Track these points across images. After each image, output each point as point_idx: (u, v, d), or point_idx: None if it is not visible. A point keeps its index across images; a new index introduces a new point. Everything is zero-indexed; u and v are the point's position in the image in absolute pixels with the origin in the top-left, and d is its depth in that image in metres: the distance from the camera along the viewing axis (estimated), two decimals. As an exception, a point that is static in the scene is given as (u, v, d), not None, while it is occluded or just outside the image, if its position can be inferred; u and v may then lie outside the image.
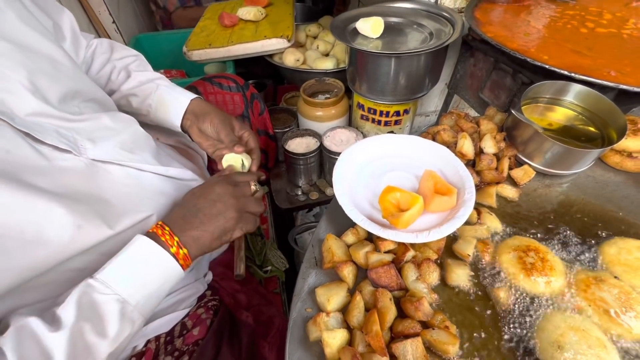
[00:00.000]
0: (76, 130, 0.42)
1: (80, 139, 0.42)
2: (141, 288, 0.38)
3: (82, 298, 0.35)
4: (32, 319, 0.33)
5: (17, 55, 0.38)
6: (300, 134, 1.02)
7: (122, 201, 0.44)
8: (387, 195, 0.48)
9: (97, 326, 0.35)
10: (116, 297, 0.36)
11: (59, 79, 0.43)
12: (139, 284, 0.38)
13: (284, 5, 1.29)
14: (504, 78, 0.80)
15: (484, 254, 0.46)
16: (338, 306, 0.40)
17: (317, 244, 0.48)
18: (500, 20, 0.77)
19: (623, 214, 0.51)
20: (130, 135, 0.50)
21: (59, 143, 0.39)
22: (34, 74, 0.39)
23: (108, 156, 0.45)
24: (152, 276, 0.39)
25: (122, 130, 0.49)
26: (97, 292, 0.36)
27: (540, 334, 0.38)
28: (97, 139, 0.44)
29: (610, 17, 0.76)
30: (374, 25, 0.82)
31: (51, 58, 0.43)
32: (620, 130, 0.53)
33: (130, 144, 0.49)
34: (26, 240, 0.34)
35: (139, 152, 0.50)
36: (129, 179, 0.47)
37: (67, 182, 0.39)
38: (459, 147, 0.57)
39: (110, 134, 0.47)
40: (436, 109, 1.21)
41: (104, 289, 0.36)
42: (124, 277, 0.37)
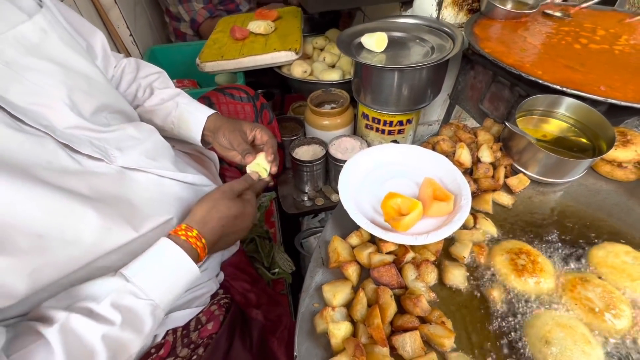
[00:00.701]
0: (106, 140, 0.47)
1: (110, 148, 0.47)
2: (168, 293, 0.42)
3: (120, 300, 0.38)
4: (74, 316, 0.35)
5: (59, 75, 0.43)
6: (307, 142, 1.06)
7: (146, 205, 0.48)
8: (389, 200, 0.52)
9: (135, 326, 0.38)
10: (150, 302, 0.40)
11: (93, 94, 0.47)
12: (167, 289, 0.42)
13: (293, 20, 1.35)
14: (502, 90, 0.84)
15: (479, 257, 0.49)
16: (343, 302, 0.44)
17: (324, 245, 0.52)
18: (497, 36, 0.81)
19: (613, 221, 0.54)
20: (153, 144, 0.54)
21: (92, 152, 0.44)
22: (72, 91, 0.43)
23: (134, 163, 0.49)
24: (179, 282, 0.43)
25: (145, 139, 0.53)
26: (135, 296, 0.39)
27: (529, 330, 0.41)
28: (124, 147, 0.49)
29: (603, 34, 0.80)
30: (378, 40, 0.87)
31: (87, 76, 0.47)
32: (610, 142, 0.56)
33: (152, 152, 0.53)
34: (65, 240, 0.38)
35: (160, 160, 0.54)
36: (152, 184, 0.51)
37: (100, 187, 0.43)
38: (457, 156, 0.61)
39: (135, 143, 0.51)
40: (439, 119, 1.25)
41: (141, 294, 0.39)
42: (156, 284, 0.41)
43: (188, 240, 0.44)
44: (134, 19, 1.44)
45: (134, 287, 0.39)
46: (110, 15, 1.28)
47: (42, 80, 0.41)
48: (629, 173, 0.59)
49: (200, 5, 1.55)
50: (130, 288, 0.39)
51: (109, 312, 0.37)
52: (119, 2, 1.30)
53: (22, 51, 0.39)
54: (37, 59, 0.40)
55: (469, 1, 0.95)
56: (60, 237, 0.37)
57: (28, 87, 0.39)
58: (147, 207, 0.48)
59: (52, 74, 0.42)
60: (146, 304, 0.39)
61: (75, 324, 0.35)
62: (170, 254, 0.42)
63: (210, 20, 1.58)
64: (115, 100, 0.53)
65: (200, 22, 1.58)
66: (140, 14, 1.53)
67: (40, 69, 0.41)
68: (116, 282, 0.39)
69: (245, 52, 1.14)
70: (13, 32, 0.38)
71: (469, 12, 0.97)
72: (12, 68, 0.38)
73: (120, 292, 0.38)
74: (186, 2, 1.56)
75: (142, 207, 0.48)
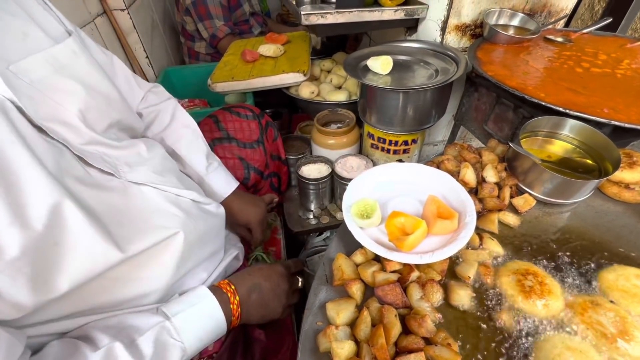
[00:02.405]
0: (116, 157, 0.48)
1: (120, 164, 0.48)
2: (198, 342, 0.45)
3: (159, 336, 0.41)
4: (118, 346, 0.38)
5: (83, 94, 0.45)
6: (313, 160, 1.08)
7: (153, 218, 0.49)
8: (393, 219, 0.52)
9: None
10: (182, 345, 0.43)
11: (109, 112, 0.50)
12: (198, 339, 0.45)
13: (301, 43, 1.40)
14: (506, 112, 0.85)
15: (485, 277, 0.48)
16: (347, 320, 0.43)
17: (328, 263, 0.52)
18: (500, 60, 0.83)
19: (622, 243, 0.53)
20: (160, 160, 0.56)
21: (104, 167, 0.45)
22: (89, 110, 0.45)
23: (142, 179, 0.50)
24: (210, 334, 0.47)
25: (153, 157, 0.55)
26: (170, 335, 0.43)
27: (537, 353, 0.40)
28: (133, 164, 0.50)
29: (605, 58, 0.81)
30: (383, 63, 0.90)
31: (107, 96, 0.50)
32: (615, 163, 0.56)
33: (159, 167, 0.55)
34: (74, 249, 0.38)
35: (167, 175, 0.55)
36: (158, 198, 0.52)
37: (107, 200, 0.44)
38: (462, 176, 0.61)
39: (143, 160, 0.53)
40: (444, 139, 1.26)
41: (176, 335, 0.43)
42: (190, 329, 0.44)
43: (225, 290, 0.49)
44: (151, 42, 1.52)
45: (172, 326, 0.43)
46: (129, 38, 1.35)
47: (64, 99, 0.43)
48: (636, 195, 0.59)
49: (221, 22, 1.65)
50: (167, 326, 0.43)
51: (148, 346, 0.40)
52: (137, 26, 1.37)
53: (52, 71, 0.42)
54: (63, 78, 0.43)
55: (471, 27, 0.98)
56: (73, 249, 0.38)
57: (49, 105, 0.41)
58: (154, 220, 0.49)
59: (74, 93, 0.44)
60: (178, 347, 0.43)
61: (118, 353, 0.38)
62: (207, 304, 0.47)
63: (230, 37, 1.68)
64: (127, 116, 0.55)
65: (220, 37, 1.68)
66: (156, 36, 1.61)
67: (64, 88, 0.43)
68: (158, 318, 0.43)
69: (255, 74, 1.18)
70: (43, 53, 0.41)
71: (472, 37, 1.00)
72: (37, 87, 0.40)
73: (160, 329, 0.42)
74: (207, 19, 1.65)
75: (149, 219, 0.48)
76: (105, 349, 0.37)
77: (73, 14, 1.04)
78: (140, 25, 1.41)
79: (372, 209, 0.53)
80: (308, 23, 0.96)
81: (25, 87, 0.38)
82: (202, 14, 1.62)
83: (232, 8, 1.71)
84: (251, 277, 0.52)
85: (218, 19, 1.65)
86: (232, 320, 0.49)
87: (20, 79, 0.38)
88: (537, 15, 1.00)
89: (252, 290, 0.52)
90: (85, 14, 1.11)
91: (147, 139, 0.58)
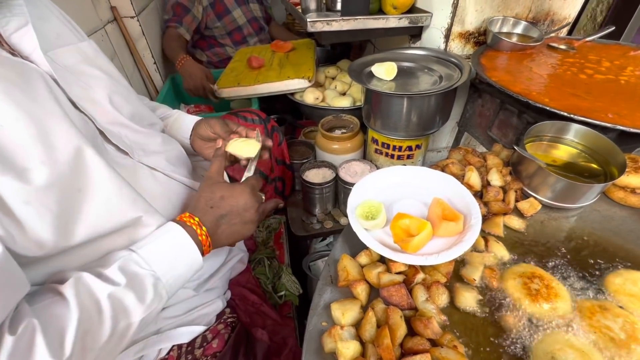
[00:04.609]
0: (135, 141, 0.53)
1: (137, 148, 0.52)
2: (171, 270, 0.45)
3: (125, 266, 0.41)
4: (86, 274, 0.39)
5: (106, 81, 0.51)
6: (317, 165, 1.08)
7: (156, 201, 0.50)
8: (398, 221, 0.52)
9: (137, 292, 0.41)
10: (152, 273, 0.43)
11: (130, 100, 0.55)
12: (170, 267, 0.45)
13: (306, 50, 1.42)
14: (510, 117, 0.86)
15: (491, 280, 0.48)
16: (352, 321, 0.43)
17: (333, 264, 0.51)
18: (504, 66, 0.84)
19: (629, 247, 0.53)
20: (176, 154, 0.60)
21: (120, 144, 0.49)
22: (114, 94, 0.51)
23: (154, 164, 0.54)
24: (180, 262, 0.46)
25: (170, 150, 0.59)
26: (139, 265, 0.42)
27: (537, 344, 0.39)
28: (149, 151, 0.54)
29: (608, 65, 0.82)
30: (388, 69, 0.91)
31: (125, 86, 0.56)
32: (621, 167, 0.56)
33: (174, 159, 0.59)
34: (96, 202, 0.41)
35: (180, 167, 0.59)
36: (166, 183, 0.55)
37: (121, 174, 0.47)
38: (467, 179, 0.61)
39: (159, 149, 0.57)
40: (447, 145, 1.27)
41: (144, 264, 0.43)
42: (159, 258, 0.44)
43: (188, 222, 0.48)
44: (159, 48, 1.55)
45: (139, 257, 0.43)
46: (138, 45, 1.37)
47: (92, 82, 0.49)
48: (643, 199, 0.58)
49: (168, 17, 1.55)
50: (135, 257, 0.42)
51: (116, 274, 0.40)
52: (146, 33, 1.40)
53: (80, 60, 0.49)
54: (90, 67, 0.50)
55: (475, 34, 1.00)
56: (93, 198, 0.41)
57: (80, 86, 0.47)
58: (157, 203, 0.50)
59: (100, 79, 0.50)
60: (148, 274, 0.42)
61: (86, 280, 0.39)
62: (173, 233, 0.46)
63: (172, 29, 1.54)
64: (147, 113, 0.60)
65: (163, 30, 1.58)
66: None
67: (92, 74, 0.49)
68: (123, 253, 0.43)
69: (261, 80, 1.20)
70: (74, 46, 0.49)
71: (475, 44, 1.01)
72: (70, 71, 0.46)
73: (126, 259, 0.42)
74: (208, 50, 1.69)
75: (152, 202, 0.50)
76: (74, 278, 0.38)
77: (85, 20, 1.07)
78: (149, 32, 1.44)
79: (377, 210, 0.53)
80: (314, 30, 0.98)
81: (61, 70, 0.44)
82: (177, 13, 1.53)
83: (220, 15, 1.64)
84: (214, 210, 0.50)
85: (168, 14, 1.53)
86: (203, 250, 0.48)
87: (56, 63, 0.44)
88: (540, 24, 1.01)
89: (219, 221, 0.50)
90: (97, 20, 1.13)
91: (165, 135, 0.62)
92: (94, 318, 0.37)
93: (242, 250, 0.77)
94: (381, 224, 0.53)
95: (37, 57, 0.41)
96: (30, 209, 0.35)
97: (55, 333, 0.34)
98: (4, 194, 0.33)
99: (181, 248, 0.46)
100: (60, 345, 0.33)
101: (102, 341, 0.37)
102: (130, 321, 0.40)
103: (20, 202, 0.34)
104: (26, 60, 0.41)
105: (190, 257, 0.46)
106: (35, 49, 0.41)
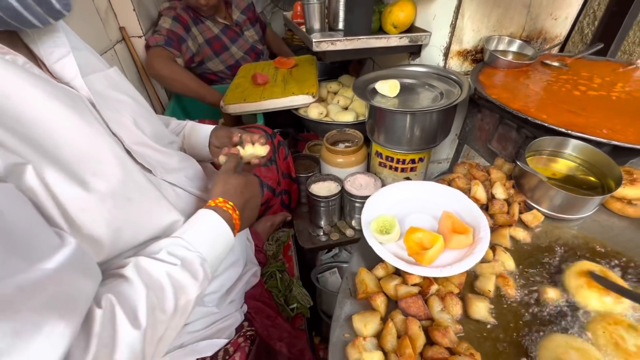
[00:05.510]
0: (157, 160, 0.56)
1: (158, 166, 0.56)
2: (213, 251, 0.49)
3: (175, 250, 0.45)
4: (143, 258, 0.42)
5: (131, 104, 0.55)
6: (322, 178, 1.11)
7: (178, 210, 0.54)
8: (411, 235, 0.55)
9: (191, 271, 0.44)
10: (199, 254, 0.46)
11: (151, 121, 0.58)
12: (212, 248, 0.49)
13: (309, 67, 1.47)
14: (509, 132, 0.90)
15: (505, 288, 0.51)
16: (373, 332, 0.45)
17: (351, 277, 0.54)
18: (502, 83, 0.89)
19: (629, 256, 0.56)
20: (194, 171, 0.65)
21: (145, 163, 0.53)
22: (138, 116, 0.55)
23: (175, 180, 0.58)
24: (220, 243, 0.50)
25: (188, 167, 0.63)
26: (186, 248, 0.46)
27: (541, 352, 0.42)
28: (169, 169, 0.58)
29: (600, 81, 0.87)
30: (391, 86, 0.95)
31: (147, 108, 0.60)
32: (617, 180, 0.60)
33: (192, 176, 0.63)
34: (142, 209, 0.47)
35: (198, 183, 0.64)
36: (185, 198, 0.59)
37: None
38: (473, 193, 0.64)
39: (177, 167, 0.61)
40: (448, 157, 1.31)
41: (191, 247, 0.46)
42: (201, 241, 0.48)
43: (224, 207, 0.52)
44: (164, 66, 1.58)
45: (184, 241, 0.46)
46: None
47: (119, 106, 0.53)
48: (639, 210, 0.62)
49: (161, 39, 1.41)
50: (181, 242, 0.46)
51: (168, 257, 0.44)
52: (153, 51, 1.44)
53: (108, 85, 0.53)
54: (116, 92, 0.54)
55: (472, 52, 1.05)
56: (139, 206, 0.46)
57: (110, 109, 0.50)
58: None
59: (126, 103, 0.54)
60: (195, 256, 0.46)
61: (144, 262, 0.42)
62: (210, 218, 0.50)
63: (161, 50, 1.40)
64: (165, 132, 0.64)
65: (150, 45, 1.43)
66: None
67: (118, 99, 0.54)
68: (169, 239, 0.47)
69: (266, 96, 1.24)
70: (102, 73, 0.53)
71: (473, 61, 1.06)
72: (100, 96, 0.50)
73: (174, 244, 0.46)
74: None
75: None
76: (133, 262, 0.41)
77: (96, 40, 1.10)
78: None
79: (390, 225, 0.56)
80: (319, 50, 1.02)
81: (93, 94, 0.47)
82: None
83: (217, 52, 1.62)
84: (243, 194, 0.56)
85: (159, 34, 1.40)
86: (234, 232, 0.53)
87: (90, 88, 0.48)
88: (534, 42, 1.07)
89: (244, 205, 0.56)
90: (107, 40, 1.17)
91: (182, 153, 0.66)
92: (159, 295, 0.41)
93: (255, 263, 0.79)
94: (395, 237, 0.56)
95: (78, 83, 0.46)
96: (86, 217, 0.38)
97: (129, 307, 0.37)
98: (66, 202, 0.37)
99: (218, 231, 0.50)
100: (135, 317, 0.37)
101: (168, 315, 0.41)
102: (188, 298, 0.43)
103: (78, 210, 0.38)
104: (67, 86, 0.45)
105: (226, 239, 0.51)
106: (77, 76, 0.45)
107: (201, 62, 1.62)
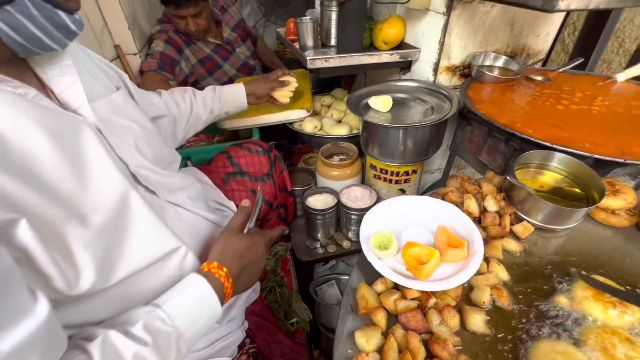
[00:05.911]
0: (158, 181, 0.57)
1: (160, 187, 0.57)
2: (193, 324, 0.46)
3: (150, 324, 0.42)
4: (114, 332, 0.39)
5: (133, 128, 0.57)
6: (318, 191, 1.13)
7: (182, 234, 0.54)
8: (408, 249, 0.57)
9: (162, 352, 0.41)
10: (176, 330, 0.43)
11: (152, 144, 0.59)
12: (192, 321, 0.46)
13: (302, 81, 1.49)
14: (498, 144, 0.93)
15: (500, 299, 0.53)
16: (375, 347, 0.46)
17: (351, 292, 0.55)
18: (489, 98, 0.92)
19: (614, 263, 0.59)
20: (194, 190, 0.66)
21: (149, 185, 0.54)
22: (140, 140, 0.56)
23: (177, 201, 0.59)
24: (203, 316, 0.47)
25: (188, 186, 0.65)
26: (163, 322, 0.43)
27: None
28: (171, 190, 0.59)
29: (581, 95, 0.91)
30: (384, 102, 0.98)
31: (149, 130, 0.60)
32: (600, 192, 0.63)
33: (194, 196, 0.64)
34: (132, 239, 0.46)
35: (197, 201, 0.65)
36: (187, 218, 0.60)
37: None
38: (466, 207, 0.67)
39: (180, 188, 0.62)
40: (440, 167, 1.34)
41: (169, 321, 0.43)
42: (182, 313, 0.45)
43: (216, 274, 0.49)
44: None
45: (163, 313, 0.43)
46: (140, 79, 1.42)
47: (121, 131, 0.54)
48: (622, 220, 0.65)
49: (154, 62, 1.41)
50: (159, 314, 0.43)
51: (142, 333, 0.40)
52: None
53: (111, 110, 0.54)
54: (119, 117, 0.55)
55: (460, 67, 1.09)
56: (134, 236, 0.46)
57: (115, 135, 0.51)
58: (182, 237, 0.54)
59: (128, 128, 0.55)
60: (172, 331, 0.43)
61: (114, 339, 0.39)
62: (197, 286, 0.47)
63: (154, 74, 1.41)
64: (167, 151, 0.65)
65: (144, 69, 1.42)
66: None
67: (121, 124, 0.55)
68: (148, 308, 0.44)
69: (262, 111, 1.26)
70: (107, 98, 0.54)
71: (461, 76, 1.10)
72: (105, 121, 0.51)
73: (151, 316, 0.42)
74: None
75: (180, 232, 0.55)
76: (102, 337, 0.38)
77: (91, 60, 1.11)
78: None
79: (388, 240, 0.58)
80: (313, 67, 1.05)
81: (99, 120, 0.49)
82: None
83: (211, 71, 1.65)
84: (242, 259, 0.53)
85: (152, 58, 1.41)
86: (223, 301, 0.49)
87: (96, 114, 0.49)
88: (518, 57, 1.12)
89: (242, 270, 0.53)
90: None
91: (183, 174, 0.67)
92: None
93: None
94: (393, 252, 0.58)
95: (85, 111, 0.47)
96: (88, 253, 0.39)
97: None
98: (69, 239, 0.37)
99: (204, 302, 0.47)
100: None
101: None
102: None
103: (81, 247, 0.38)
104: (73, 113, 0.46)
105: (211, 310, 0.48)
106: (83, 103, 0.47)
107: (195, 82, 1.64)
